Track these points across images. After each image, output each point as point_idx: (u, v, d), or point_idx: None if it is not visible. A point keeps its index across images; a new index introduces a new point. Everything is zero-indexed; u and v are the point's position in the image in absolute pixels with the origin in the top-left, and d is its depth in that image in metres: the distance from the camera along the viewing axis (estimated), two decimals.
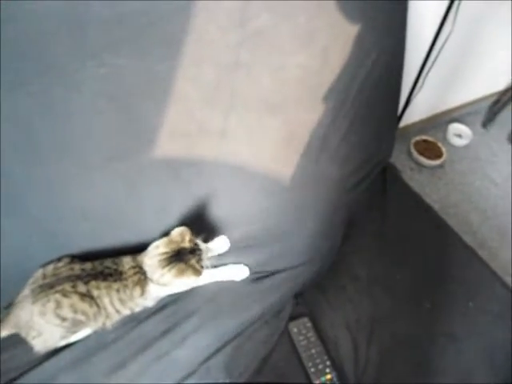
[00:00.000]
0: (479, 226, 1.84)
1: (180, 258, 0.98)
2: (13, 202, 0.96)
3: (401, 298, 1.19)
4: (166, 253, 0.98)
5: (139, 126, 0.99)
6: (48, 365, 0.99)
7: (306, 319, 1.12)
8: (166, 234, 1.03)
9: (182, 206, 1.13)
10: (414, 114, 2.16)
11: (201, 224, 1.15)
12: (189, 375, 0.99)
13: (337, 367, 1.04)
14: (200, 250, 1.02)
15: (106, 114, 0.95)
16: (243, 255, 1.18)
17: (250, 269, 1.17)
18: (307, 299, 1.17)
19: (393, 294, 1.20)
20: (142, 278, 1.01)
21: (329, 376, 1.02)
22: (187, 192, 1.12)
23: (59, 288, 0.95)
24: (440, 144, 2.21)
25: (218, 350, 1.03)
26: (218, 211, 1.16)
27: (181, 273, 0.97)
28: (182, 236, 1.00)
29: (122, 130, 0.98)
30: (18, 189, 0.95)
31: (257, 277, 1.17)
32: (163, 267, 0.97)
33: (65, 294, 0.94)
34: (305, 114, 1.13)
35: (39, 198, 0.98)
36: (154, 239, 1.03)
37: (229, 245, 1.19)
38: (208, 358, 1.02)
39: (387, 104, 1.46)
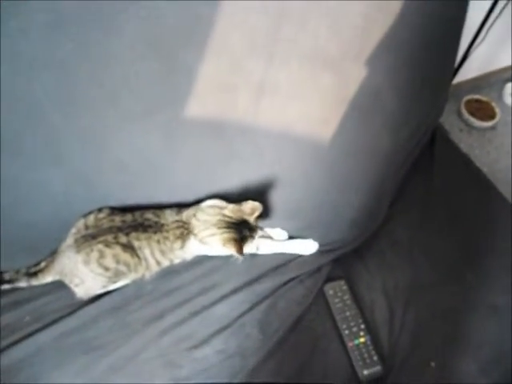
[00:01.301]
0: None
1: (238, 229, 0.97)
2: (53, 151, 0.96)
3: (442, 267, 1.14)
4: (229, 217, 0.98)
5: (179, 75, 0.94)
6: (88, 309, 1.03)
7: (342, 282, 1.09)
8: (199, 201, 1.03)
9: (221, 164, 1.08)
10: (468, 71, 1.99)
11: (241, 186, 1.10)
12: (223, 329, 1.00)
13: (371, 331, 1.03)
14: (257, 231, 1.01)
15: (146, 61, 0.91)
16: (283, 219, 1.14)
17: (289, 233, 1.15)
18: (344, 262, 1.14)
19: (434, 262, 1.15)
20: (184, 232, 1.01)
21: (362, 339, 1.01)
22: (228, 150, 1.06)
23: (102, 239, 0.96)
24: (494, 104, 2.05)
25: (252, 307, 1.03)
26: (261, 171, 1.10)
27: (228, 242, 0.96)
28: (252, 210, 0.98)
29: (161, 79, 0.94)
30: (58, 138, 0.95)
31: None
32: (219, 227, 0.97)
33: (107, 245, 0.96)
34: (362, 70, 1.02)
35: (79, 148, 0.97)
36: (187, 202, 1.01)
37: (286, 236, 1.15)
38: (243, 314, 1.02)
39: (445, 60, 1.33)
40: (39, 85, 0.88)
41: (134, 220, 1.00)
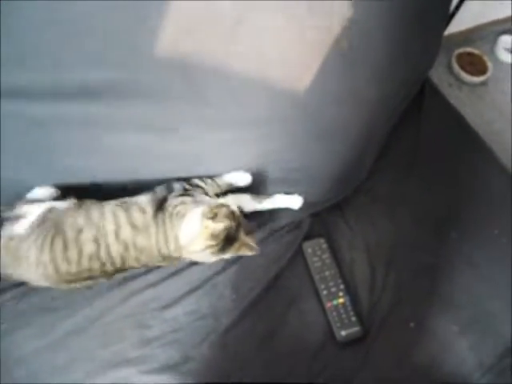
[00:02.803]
0: None
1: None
2: None
3: (426, 225, 1.10)
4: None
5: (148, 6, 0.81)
6: None
7: (321, 240, 1.04)
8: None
9: (192, 117, 0.94)
10: (460, 22, 1.87)
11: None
12: (194, 290, 0.95)
13: (350, 291, 0.98)
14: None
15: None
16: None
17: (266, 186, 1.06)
18: (324, 219, 1.08)
19: (418, 219, 1.10)
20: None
21: (341, 300, 0.97)
22: (199, 96, 0.92)
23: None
24: (486, 58, 1.95)
25: (225, 267, 0.97)
26: (235, 119, 0.98)
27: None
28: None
29: (120, 18, 0.80)
30: None
31: None
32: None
33: None
34: (350, 8, 0.90)
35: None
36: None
37: (249, 179, 1.02)
38: (215, 274, 0.97)
39: (439, 6, 1.21)
40: None
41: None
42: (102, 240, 0.85)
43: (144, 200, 0.91)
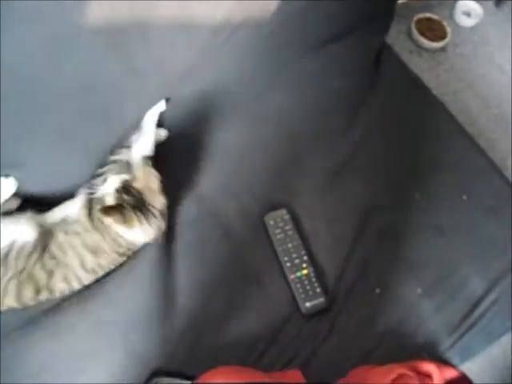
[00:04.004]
0: (479, 116, 1.68)
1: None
2: None
3: (390, 188, 1.07)
4: None
5: None
6: None
7: (284, 211, 1.00)
8: None
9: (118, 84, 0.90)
10: None
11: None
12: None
13: (314, 263, 0.95)
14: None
15: None
16: None
17: None
18: (286, 187, 1.05)
19: (382, 182, 1.07)
20: None
21: (305, 271, 0.93)
22: (126, 67, 0.89)
23: None
24: (445, 23, 1.94)
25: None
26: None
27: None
28: None
29: None
30: None
31: None
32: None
33: None
34: None
35: None
36: None
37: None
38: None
39: None
40: None
41: None
42: (72, 276, 0.83)
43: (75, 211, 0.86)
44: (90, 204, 0.85)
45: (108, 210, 0.77)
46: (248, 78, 1.05)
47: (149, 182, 0.83)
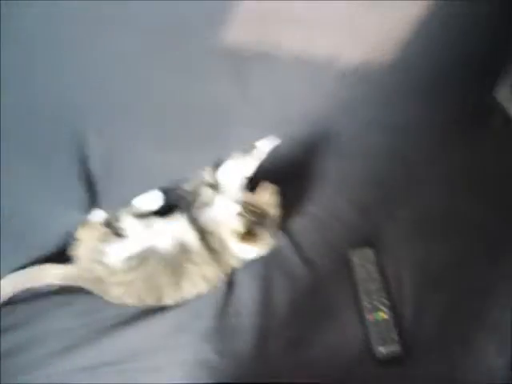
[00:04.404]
0: None
1: None
2: None
3: (479, 245, 1.04)
4: None
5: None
6: None
7: (369, 250, 1.00)
8: None
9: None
10: None
11: None
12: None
13: (394, 309, 0.94)
14: None
15: None
16: None
17: None
18: (376, 227, 1.05)
19: (472, 238, 1.04)
20: None
21: (384, 315, 0.92)
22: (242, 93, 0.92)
23: None
24: None
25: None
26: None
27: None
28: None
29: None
30: None
31: None
32: None
33: None
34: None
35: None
36: None
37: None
38: None
39: None
40: None
41: None
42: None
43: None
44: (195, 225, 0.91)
45: (243, 236, 0.82)
46: (365, 123, 1.09)
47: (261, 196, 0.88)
